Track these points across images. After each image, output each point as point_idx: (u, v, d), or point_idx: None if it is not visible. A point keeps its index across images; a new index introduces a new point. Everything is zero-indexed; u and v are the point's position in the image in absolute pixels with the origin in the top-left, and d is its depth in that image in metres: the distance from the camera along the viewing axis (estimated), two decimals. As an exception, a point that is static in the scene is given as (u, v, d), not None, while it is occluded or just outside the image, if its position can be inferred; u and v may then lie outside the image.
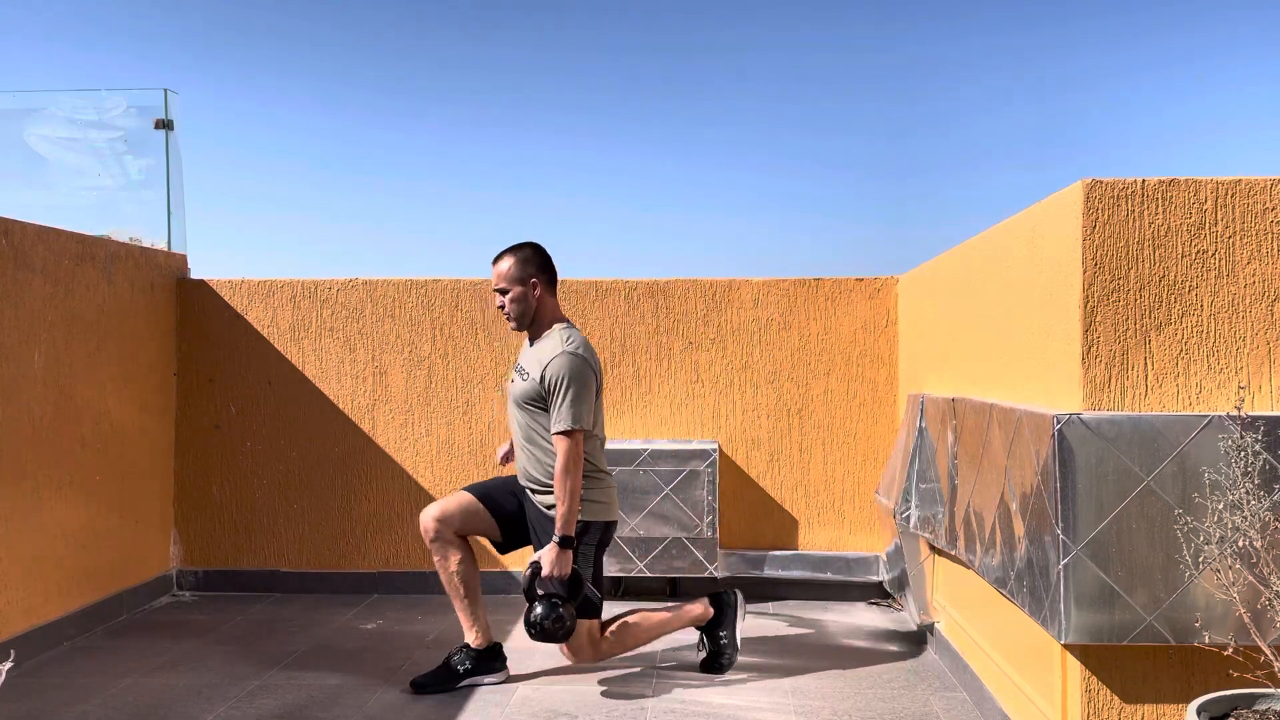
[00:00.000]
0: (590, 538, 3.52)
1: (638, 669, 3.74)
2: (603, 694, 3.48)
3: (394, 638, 4.18)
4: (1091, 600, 2.40)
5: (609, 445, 4.66)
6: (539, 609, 3.34)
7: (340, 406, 4.98)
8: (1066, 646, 2.50)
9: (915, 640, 4.13)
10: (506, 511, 3.63)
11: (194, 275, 5.14)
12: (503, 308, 3.59)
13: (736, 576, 4.77)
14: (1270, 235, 2.49)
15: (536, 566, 3.39)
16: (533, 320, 3.60)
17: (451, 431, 4.95)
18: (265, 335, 5.00)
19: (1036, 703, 2.78)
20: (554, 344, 3.51)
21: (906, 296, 4.70)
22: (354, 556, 4.98)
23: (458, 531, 3.56)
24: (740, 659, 3.77)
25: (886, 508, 4.16)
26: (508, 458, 3.90)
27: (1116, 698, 2.49)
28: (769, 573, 4.79)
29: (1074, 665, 2.52)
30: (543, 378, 3.47)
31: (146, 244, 4.99)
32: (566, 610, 3.35)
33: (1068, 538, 2.41)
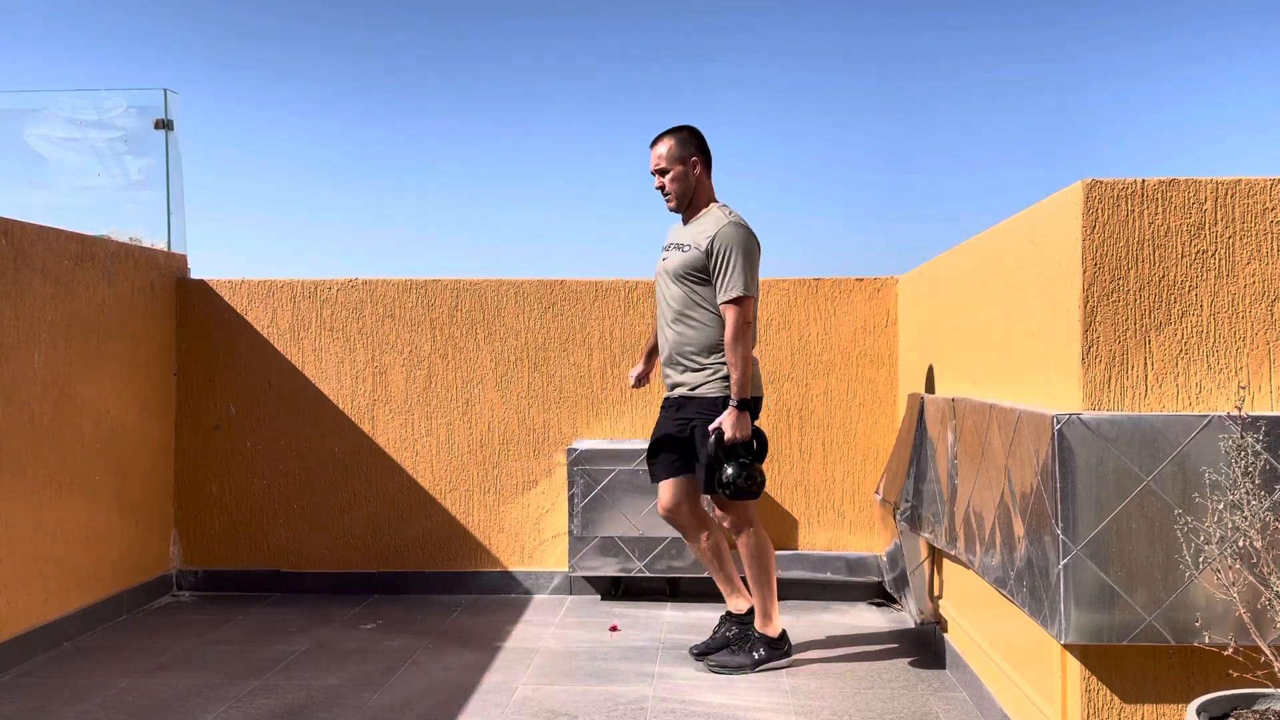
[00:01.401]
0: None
1: (638, 668, 3.74)
2: (603, 694, 3.48)
3: (393, 638, 4.18)
4: (1091, 600, 2.40)
5: (611, 445, 4.67)
6: (729, 469, 3.50)
7: (340, 406, 4.98)
8: (1066, 646, 2.50)
9: (915, 640, 4.13)
10: (684, 461, 3.73)
11: (194, 275, 5.15)
12: (662, 189, 3.69)
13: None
14: (1270, 235, 2.49)
15: (720, 432, 3.51)
16: (691, 200, 3.69)
17: (451, 431, 4.95)
18: (265, 335, 5.00)
19: (1036, 703, 2.78)
20: (716, 218, 3.61)
21: (906, 296, 4.70)
22: (354, 556, 4.98)
23: (688, 510, 3.75)
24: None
25: (886, 508, 4.16)
26: (641, 379, 4.01)
27: (1116, 698, 2.49)
28: (769, 573, 4.78)
29: (1074, 665, 2.52)
30: (710, 249, 3.55)
31: (146, 244, 4.99)
32: (756, 468, 3.52)
33: (1068, 538, 2.41)
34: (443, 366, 4.97)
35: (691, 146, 3.68)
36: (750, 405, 3.61)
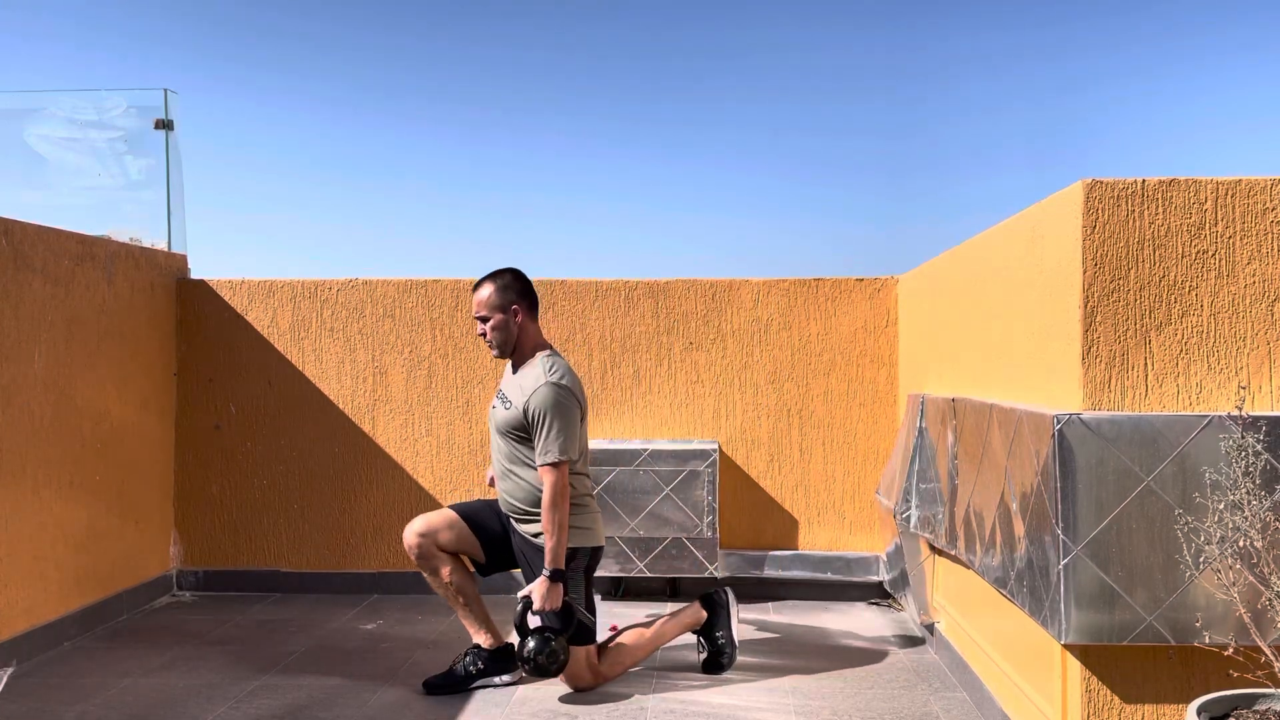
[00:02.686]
0: (578, 564, 3.50)
1: (638, 669, 3.74)
2: (603, 694, 3.47)
3: (394, 638, 4.18)
4: (1091, 600, 2.40)
5: (611, 445, 4.67)
6: (531, 643, 3.32)
7: (340, 407, 4.98)
8: (1067, 646, 2.50)
9: (915, 640, 4.13)
10: (491, 533, 3.61)
11: (194, 275, 5.15)
12: (484, 335, 3.57)
13: (736, 576, 4.77)
14: (1270, 235, 2.49)
15: (528, 601, 3.37)
16: (515, 347, 3.58)
17: (452, 432, 4.95)
18: (265, 335, 5.00)
19: (1037, 703, 2.78)
20: (537, 374, 3.48)
21: (906, 297, 4.70)
22: (354, 557, 4.98)
23: (442, 547, 3.54)
24: (740, 659, 3.77)
25: (887, 508, 4.16)
26: (495, 480, 3.88)
27: (1117, 698, 2.49)
28: (769, 573, 4.79)
29: (1074, 665, 2.52)
30: (526, 409, 3.44)
31: (146, 244, 4.99)
32: (559, 643, 3.33)
33: (1068, 538, 2.41)
34: (443, 367, 4.97)
35: (512, 293, 3.53)
36: (585, 557, 3.50)
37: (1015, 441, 2.72)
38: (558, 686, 3.54)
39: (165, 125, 5.21)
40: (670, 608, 4.62)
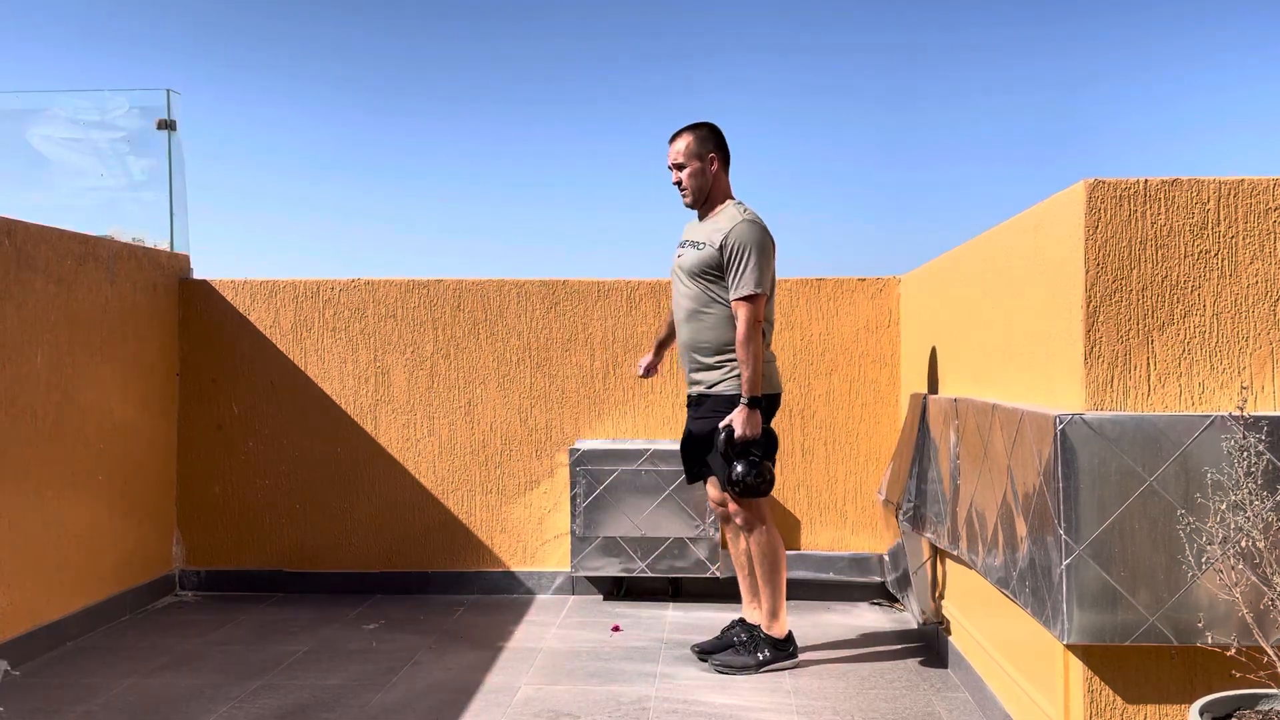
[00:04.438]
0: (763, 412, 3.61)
1: (640, 668, 3.74)
2: (605, 694, 3.48)
3: (395, 638, 4.18)
4: (1094, 600, 2.40)
5: (613, 445, 4.67)
6: (739, 467, 3.49)
7: (342, 407, 4.98)
8: (1069, 647, 2.50)
9: (917, 640, 4.13)
10: (705, 464, 3.74)
11: (196, 275, 5.15)
12: (679, 184, 3.69)
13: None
14: (1273, 235, 2.48)
15: (730, 429, 3.50)
16: (707, 197, 3.69)
17: (454, 432, 4.95)
18: (268, 335, 5.00)
19: (1039, 703, 2.78)
20: (732, 214, 3.61)
21: (909, 296, 4.70)
22: (356, 556, 4.98)
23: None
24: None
25: (889, 508, 4.16)
26: (650, 369, 4.03)
27: (1119, 698, 2.49)
28: (771, 573, 4.78)
29: (1076, 665, 2.51)
30: (724, 245, 3.54)
31: (149, 244, 5.00)
32: (766, 466, 3.51)
33: (1070, 538, 2.41)
34: (445, 367, 4.97)
35: (710, 144, 3.68)
36: (765, 403, 3.61)
37: (1017, 441, 2.72)
38: (560, 686, 3.54)
39: (167, 125, 5.22)
40: (672, 608, 4.63)
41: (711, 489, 3.86)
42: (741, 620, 3.89)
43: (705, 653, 3.81)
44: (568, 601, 4.77)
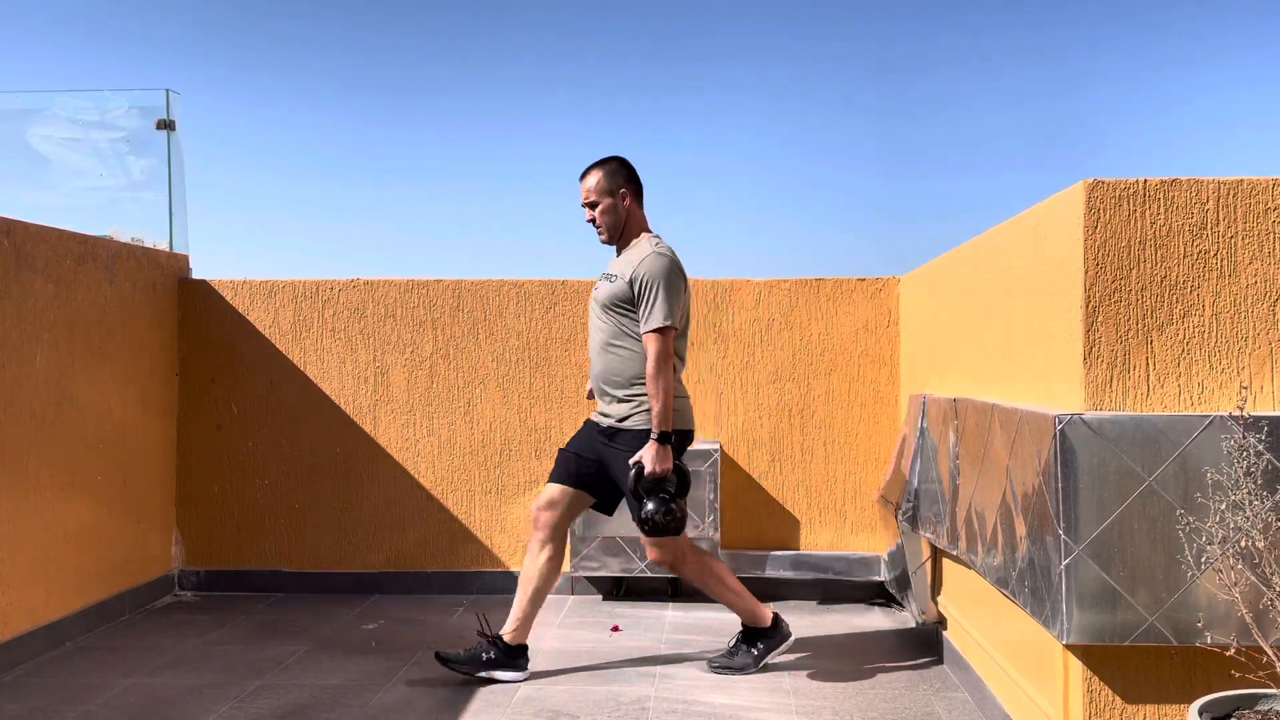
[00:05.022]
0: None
1: (640, 668, 3.74)
2: (604, 694, 3.48)
3: (395, 638, 4.18)
4: (1093, 600, 2.40)
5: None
6: (650, 505, 3.42)
7: (342, 407, 4.98)
8: (1068, 647, 2.50)
9: (917, 640, 4.13)
10: (589, 477, 3.67)
11: (196, 275, 5.15)
12: (593, 221, 3.66)
13: (738, 576, 4.76)
14: (1272, 235, 2.48)
15: (640, 465, 3.45)
16: (622, 231, 3.66)
17: (453, 432, 4.95)
18: (267, 335, 5.00)
19: (1038, 703, 2.78)
20: (644, 248, 3.58)
21: (908, 296, 4.70)
22: (355, 557, 4.98)
23: (565, 518, 3.65)
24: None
25: (888, 508, 4.16)
26: (592, 393, 3.96)
27: (1118, 698, 2.49)
28: (771, 573, 4.79)
29: (1076, 665, 2.52)
30: (633, 279, 3.52)
31: (148, 244, 5.00)
32: (678, 504, 3.44)
33: (1069, 538, 2.41)
34: (444, 367, 4.97)
35: (620, 178, 3.63)
36: (676, 439, 3.54)
37: (1017, 441, 2.72)
38: (560, 686, 3.54)
39: (167, 125, 5.22)
40: (671, 608, 4.63)
41: (547, 491, 3.67)
42: (498, 636, 3.65)
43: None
44: (567, 601, 4.77)
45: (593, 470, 3.67)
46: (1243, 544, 2.29)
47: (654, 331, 3.47)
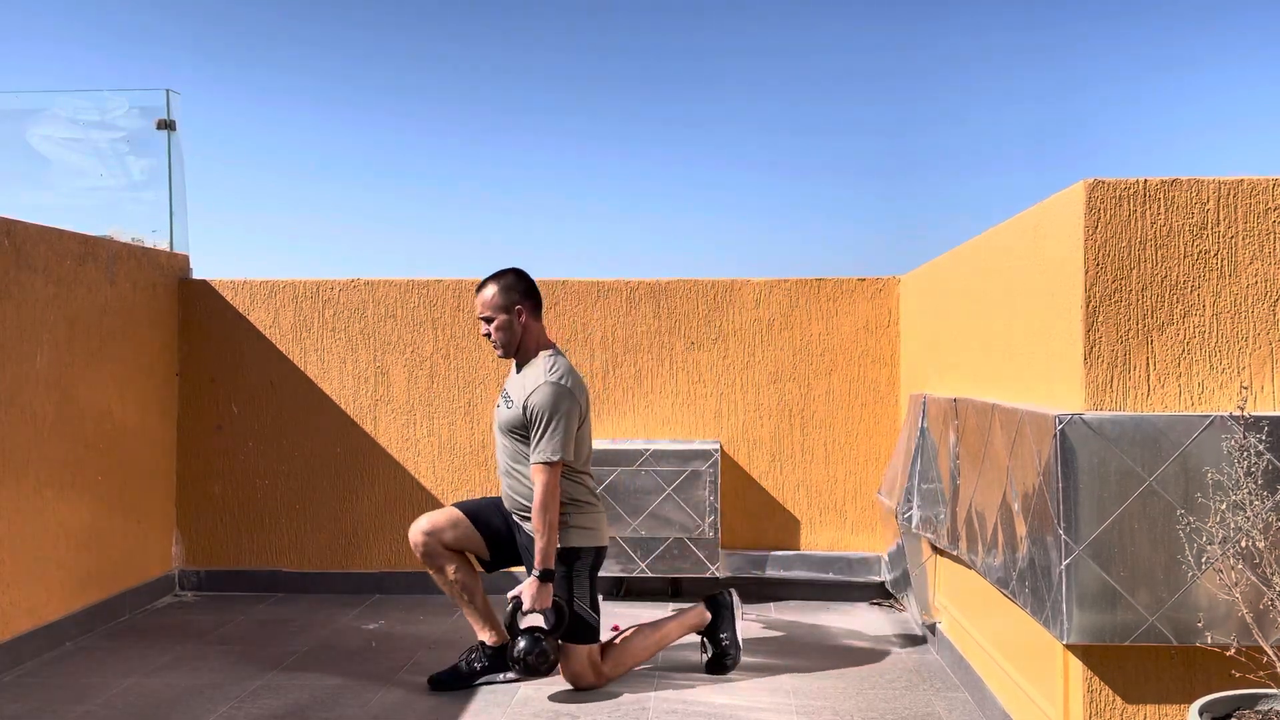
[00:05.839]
0: (583, 563, 3.50)
1: (640, 668, 3.74)
2: (605, 694, 3.48)
3: (396, 638, 4.18)
4: (1093, 600, 2.40)
5: (612, 445, 4.66)
6: (521, 643, 3.34)
7: (342, 407, 4.98)
8: (1068, 647, 2.50)
9: (917, 640, 4.13)
10: (495, 530, 3.62)
11: (196, 275, 5.15)
12: (489, 335, 3.58)
13: (738, 577, 4.77)
14: (1273, 235, 2.48)
15: (518, 601, 3.37)
16: (519, 347, 3.58)
17: (453, 432, 4.95)
18: (267, 335, 5.00)
19: (1038, 703, 2.78)
20: (538, 373, 3.49)
21: (908, 297, 4.70)
22: (356, 557, 4.98)
23: (447, 545, 3.56)
24: (742, 659, 3.77)
25: (888, 508, 4.16)
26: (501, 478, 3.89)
27: (1118, 698, 2.49)
28: (771, 573, 4.79)
29: (1076, 665, 2.51)
30: (525, 407, 3.45)
31: (149, 244, 5.00)
32: (550, 643, 3.35)
33: (1070, 538, 2.41)
34: (444, 367, 4.97)
35: (516, 293, 3.54)
36: (590, 557, 3.50)
37: (1017, 441, 2.72)
38: (560, 686, 3.54)
39: (167, 125, 5.22)
40: (672, 608, 4.62)
41: (440, 515, 3.59)
42: (481, 643, 3.62)
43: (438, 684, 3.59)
44: (567, 601, 4.76)
45: (502, 528, 3.61)
46: (1243, 544, 2.29)
47: (542, 464, 3.39)
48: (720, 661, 3.69)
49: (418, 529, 3.55)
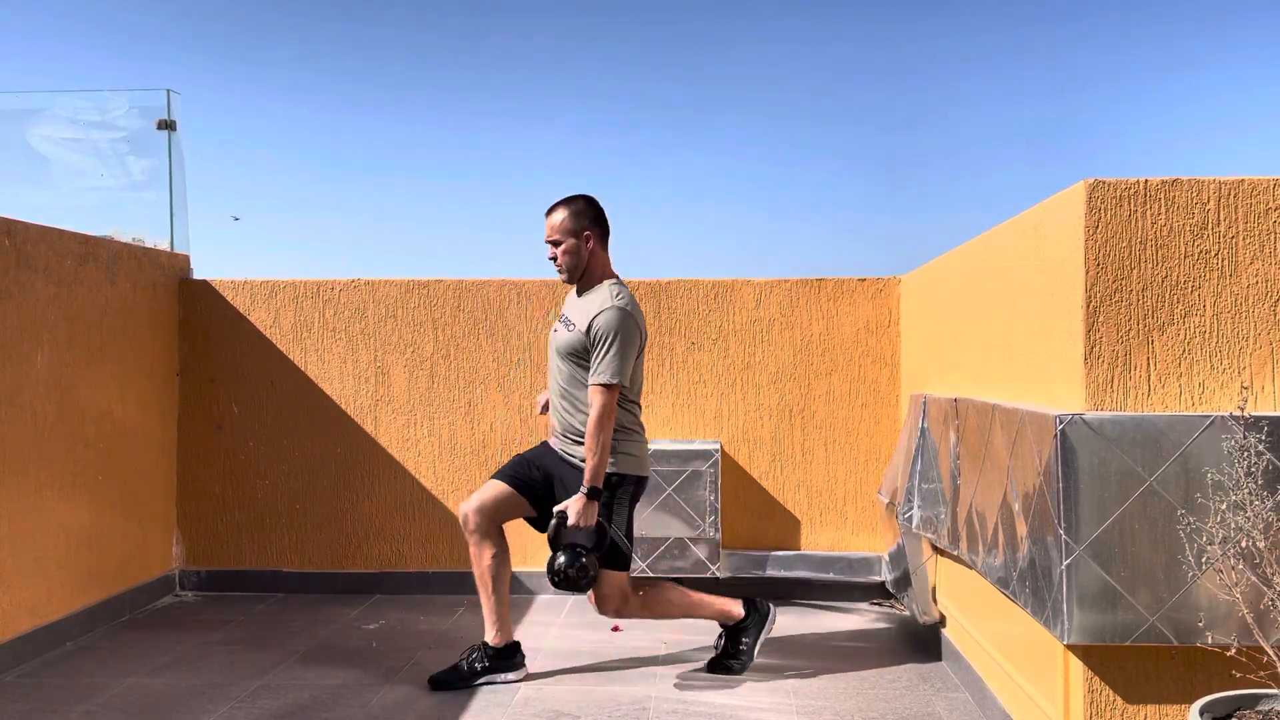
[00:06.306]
0: (624, 491, 3.54)
1: (640, 668, 3.74)
2: (605, 693, 3.48)
3: (396, 638, 4.18)
4: (1094, 600, 2.40)
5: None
6: (562, 558, 3.39)
7: (342, 407, 4.98)
8: (1069, 647, 2.50)
9: (917, 640, 4.13)
10: (534, 485, 3.64)
11: (196, 275, 5.15)
12: (554, 259, 3.60)
13: (738, 576, 4.77)
14: (1273, 235, 2.48)
15: (563, 515, 3.41)
16: (584, 273, 3.60)
17: (454, 432, 4.95)
18: (268, 335, 5.00)
19: (1039, 703, 2.78)
20: (604, 297, 3.52)
21: (909, 297, 4.70)
22: (356, 557, 4.98)
23: (495, 520, 3.59)
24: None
25: (889, 508, 4.16)
26: (547, 406, 3.94)
27: (1119, 698, 2.49)
28: (771, 573, 4.79)
29: (1076, 666, 2.51)
30: (589, 329, 3.48)
31: (149, 244, 4.99)
32: (590, 560, 3.40)
33: (1070, 538, 2.41)
34: (445, 367, 4.97)
35: (586, 219, 3.56)
36: (631, 485, 3.52)
37: (1018, 442, 2.72)
38: (560, 686, 3.54)
39: (167, 125, 5.22)
40: (672, 608, 4.62)
41: (485, 490, 3.61)
42: (484, 643, 3.63)
43: (439, 684, 3.60)
44: (567, 602, 4.77)
45: (540, 479, 3.63)
46: (1243, 544, 2.28)
47: (601, 386, 3.42)
48: (725, 663, 3.69)
49: (469, 507, 3.58)
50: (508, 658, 3.61)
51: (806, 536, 4.87)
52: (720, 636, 3.76)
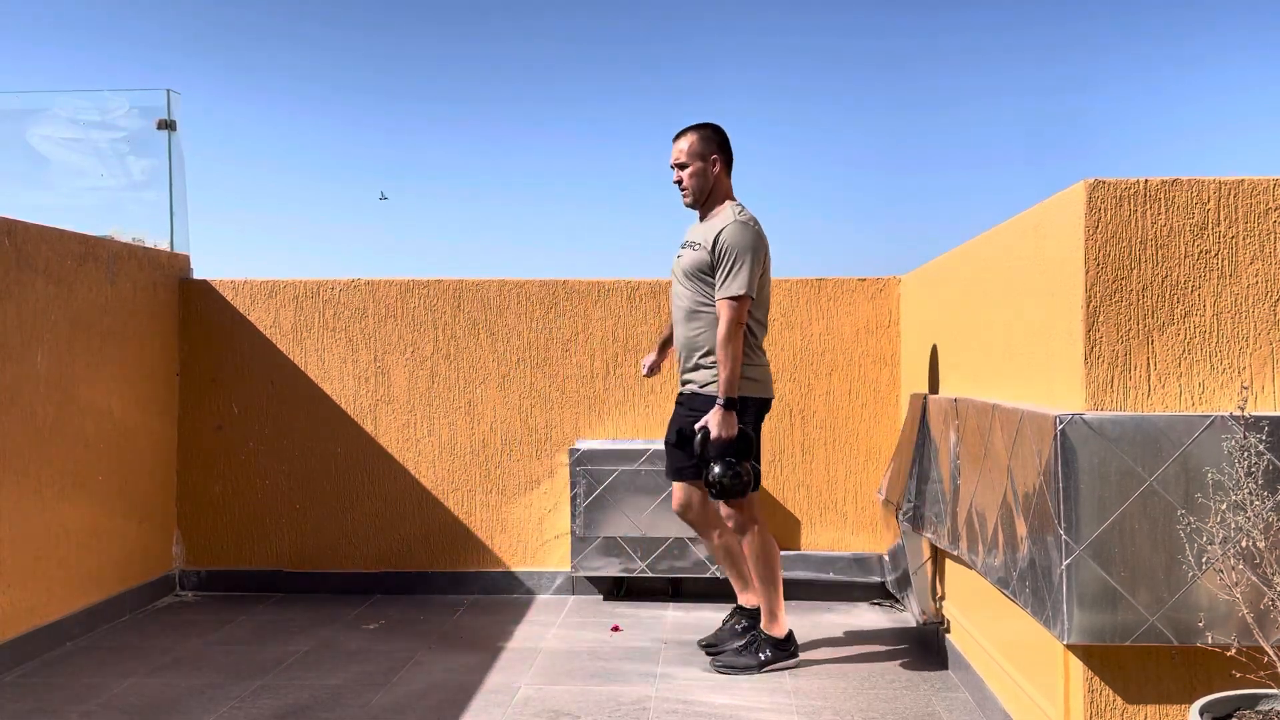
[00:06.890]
0: (747, 415, 3.62)
1: (640, 668, 3.74)
2: (605, 694, 3.48)
3: (396, 638, 4.18)
4: (1094, 600, 2.40)
5: (613, 445, 4.67)
6: (716, 469, 3.51)
7: (342, 407, 4.98)
8: (1069, 647, 2.50)
9: (917, 640, 4.13)
10: (675, 451, 3.79)
11: (196, 275, 5.15)
12: (679, 183, 3.71)
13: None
14: (1273, 235, 2.48)
15: (705, 430, 3.51)
16: (707, 197, 3.71)
17: (454, 432, 4.95)
18: (268, 335, 5.00)
19: (1039, 703, 2.78)
20: (727, 215, 3.63)
21: (909, 297, 4.70)
22: (356, 557, 4.98)
23: (702, 508, 3.78)
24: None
25: (889, 508, 4.16)
26: (653, 368, 4.05)
27: (1119, 698, 2.49)
28: (771, 573, 4.78)
29: (1076, 665, 2.51)
30: (714, 245, 3.56)
31: (149, 244, 5.00)
32: (743, 467, 3.51)
33: (1070, 538, 2.41)
34: (445, 367, 4.97)
35: (713, 144, 3.71)
36: (755, 407, 3.64)
37: (1018, 441, 2.72)
38: (560, 686, 3.54)
39: (168, 126, 5.22)
40: (672, 608, 4.63)
41: (675, 493, 3.88)
42: (740, 608, 3.93)
43: (711, 646, 3.86)
44: (568, 601, 4.77)
45: (673, 437, 3.79)
46: (1243, 544, 2.28)
47: (729, 299, 3.52)
48: (737, 655, 3.74)
49: (674, 505, 3.87)
50: (787, 644, 3.76)
51: (806, 536, 4.87)
52: (740, 615, 3.84)
